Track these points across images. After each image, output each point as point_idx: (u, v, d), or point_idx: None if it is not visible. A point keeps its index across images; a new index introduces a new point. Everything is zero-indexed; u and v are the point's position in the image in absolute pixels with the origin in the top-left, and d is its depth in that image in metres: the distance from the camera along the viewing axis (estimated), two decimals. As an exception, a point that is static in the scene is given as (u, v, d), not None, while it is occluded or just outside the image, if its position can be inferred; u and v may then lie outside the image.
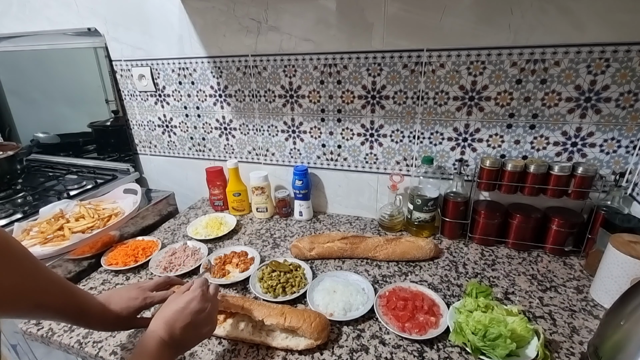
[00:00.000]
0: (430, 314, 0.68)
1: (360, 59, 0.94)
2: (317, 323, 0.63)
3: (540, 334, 0.60)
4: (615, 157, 0.84)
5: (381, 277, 0.84)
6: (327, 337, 0.65)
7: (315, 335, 0.62)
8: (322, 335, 0.63)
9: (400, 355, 0.62)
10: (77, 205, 1.03)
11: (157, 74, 1.18)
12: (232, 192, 1.15)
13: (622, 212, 0.81)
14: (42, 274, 0.50)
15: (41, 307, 0.51)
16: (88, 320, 0.57)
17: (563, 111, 0.84)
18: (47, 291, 0.50)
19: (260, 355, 0.63)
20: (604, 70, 0.78)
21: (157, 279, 0.69)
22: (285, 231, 1.07)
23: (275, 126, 1.12)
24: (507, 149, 0.92)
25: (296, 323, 0.62)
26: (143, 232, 1.12)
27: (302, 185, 1.08)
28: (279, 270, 0.82)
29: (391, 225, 1.03)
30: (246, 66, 1.06)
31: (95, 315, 0.57)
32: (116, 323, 0.61)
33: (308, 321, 0.63)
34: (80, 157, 1.47)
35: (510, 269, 0.85)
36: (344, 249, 0.89)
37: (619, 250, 0.67)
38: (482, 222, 0.92)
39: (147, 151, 1.36)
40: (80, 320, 0.57)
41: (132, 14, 1.11)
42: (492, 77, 0.86)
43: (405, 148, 1.01)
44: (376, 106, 0.98)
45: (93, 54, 1.22)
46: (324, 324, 0.65)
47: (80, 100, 1.39)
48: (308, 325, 0.62)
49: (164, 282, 0.69)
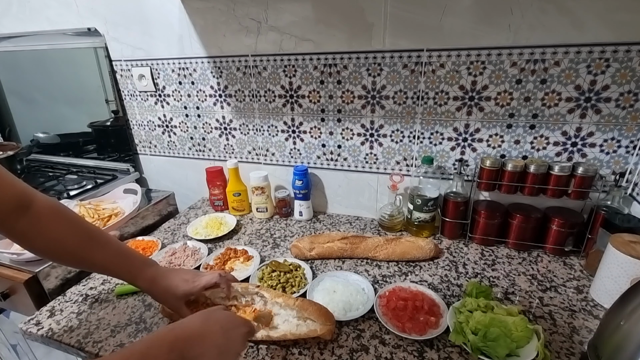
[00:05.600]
0: (430, 314, 0.68)
1: (360, 59, 0.94)
2: (325, 311, 0.64)
3: (540, 334, 0.60)
4: (615, 157, 0.84)
5: (381, 277, 0.84)
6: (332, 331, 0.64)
7: (322, 319, 0.62)
8: (328, 323, 0.63)
9: (400, 355, 0.62)
10: (77, 205, 1.04)
11: (157, 74, 1.18)
12: (232, 192, 1.15)
13: (622, 212, 0.81)
14: (99, 237, 0.64)
15: (95, 265, 0.64)
16: (137, 284, 0.65)
17: (563, 111, 0.84)
18: (103, 251, 0.63)
19: (260, 356, 0.63)
20: (604, 70, 0.78)
21: (212, 277, 0.67)
22: (285, 231, 1.07)
23: (275, 126, 1.12)
24: (507, 149, 0.92)
25: (306, 306, 0.64)
26: (143, 232, 1.12)
27: (302, 185, 1.08)
28: (279, 270, 0.82)
29: (391, 225, 1.03)
30: (246, 66, 1.06)
31: (143, 283, 0.65)
32: (159, 297, 0.66)
33: (317, 306, 0.64)
34: (80, 157, 1.47)
35: (510, 269, 0.85)
36: (344, 249, 0.89)
37: (619, 250, 0.67)
38: (482, 222, 0.92)
39: (147, 151, 1.36)
40: (129, 281, 0.66)
41: (132, 14, 1.11)
42: (492, 77, 0.86)
43: (405, 148, 1.01)
44: (376, 106, 0.98)
45: (93, 54, 1.22)
46: (331, 315, 0.65)
47: (80, 100, 1.39)
48: (317, 309, 0.63)
49: (216, 282, 0.67)
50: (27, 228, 0.57)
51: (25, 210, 0.57)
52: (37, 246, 0.60)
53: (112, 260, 0.64)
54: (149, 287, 0.65)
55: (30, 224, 0.58)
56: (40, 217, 0.58)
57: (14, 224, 0.56)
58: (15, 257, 0.86)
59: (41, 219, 0.59)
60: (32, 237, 0.59)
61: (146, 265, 0.66)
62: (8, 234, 0.58)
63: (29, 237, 0.59)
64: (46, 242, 0.60)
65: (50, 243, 0.60)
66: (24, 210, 0.57)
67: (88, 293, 0.82)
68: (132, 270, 0.65)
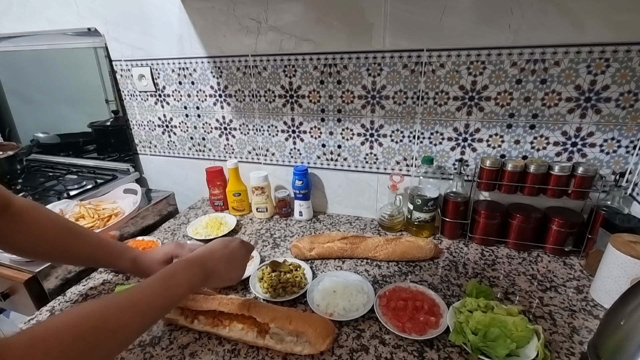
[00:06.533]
0: (430, 314, 0.68)
1: (360, 59, 0.94)
2: (322, 329, 0.62)
3: (540, 334, 0.60)
4: (615, 157, 0.84)
5: (381, 277, 0.84)
6: (332, 344, 0.64)
7: (320, 341, 0.61)
8: (326, 342, 0.61)
9: (400, 355, 0.62)
10: (77, 205, 1.03)
11: (157, 74, 1.18)
12: (232, 192, 1.15)
13: (622, 212, 0.81)
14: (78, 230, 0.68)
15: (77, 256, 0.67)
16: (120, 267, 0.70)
17: (563, 111, 0.84)
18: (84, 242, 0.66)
19: (260, 356, 0.63)
20: (604, 70, 0.78)
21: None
22: (285, 231, 1.07)
23: (275, 126, 1.12)
24: (507, 149, 0.92)
25: (301, 327, 0.62)
26: (143, 232, 1.12)
27: (302, 185, 1.08)
28: (279, 270, 0.82)
29: (391, 225, 1.03)
30: (246, 66, 1.06)
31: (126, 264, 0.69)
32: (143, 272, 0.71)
33: (314, 326, 0.62)
34: (80, 157, 1.47)
35: (510, 269, 0.85)
36: (344, 249, 0.89)
37: (619, 250, 0.67)
38: (482, 222, 0.92)
39: (147, 151, 1.36)
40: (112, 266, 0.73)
41: (132, 14, 1.11)
42: (492, 77, 0.86)
43: (405, 148, 1.01)
44: (376, 106, 0.98)
45: (93, 54, 1.22)
46: (330, 330, 0.63)
47: (80, 100, 1.39)
48: (313, 330, 0.61)
49: None
50: (7, 227, 0.59)
51: (3, 211, 0.59)
52: (19, 244, 0.62)
53: (93, 250, 0.67)
54: (132, 266, 0.69)
55: (10, 222, 0.59)
56: (20, 215, 0.60)
57: None
58: (15, 257, 0.86)
59: (22, 216, 0.60)
60: (13, 235, 0.60)
61: (126, 250, 0.71)
62: None
63: (9, 235, 0.60)
64: (28, 238, 0.61)
65: (32, 239, 0.62)
66: (2, 211, 0.59)
67: (88, 293, 0.82)
68: (114, 255, 0.69)
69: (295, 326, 0.62)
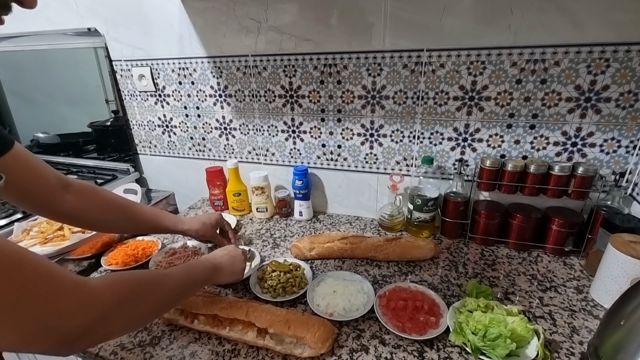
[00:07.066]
0: (430, 314, 0.68)
1: (360, 59, 0.94)
2: (321, 333, 0.62)
3: (540, 334, 0.60)
4: (615, 157, 0.84)
5: (381, 277, 0.84)
6: (332, 346, 0.63)
7: (319, 345, 0.61)
8: (325, 345, 0.61)
9: (400, 355, 0.62)
10: (77, 205, 1.03)
11: (157, 74, 1.18)
12: (232, 192, 1.15)
13: (622, 212, 0.81)
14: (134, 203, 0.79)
15: (142, 222, 0.78)
16: (178, 229, 0.83)
17: (563, 111, 0.84)
18: (145, 210, 0.81)
19: (260, 356, 0.63)
20: (604, 70, 0.78)
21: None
22: (285, 231, 1.07)
23: (275, 126, 1.12)
24: (507, 149, 0.92)
25: (300, 332, 0.61)
26: (143, 232, 1.11)
27: (302, 185, 1.08)
28: (279, 270, 0.82)
29: (391, 225, 1.03)
30: (246, 66, 1.06)
31: (182, 226, 0.83)
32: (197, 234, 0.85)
33: (312, 331, 0.62)
34: (80, 157, 1.47)
35: (510, 269, 0.85)
36: (344, 249, 0.89)
37: (619, 250, 0.67)
38: (482, 222, 0.92)
39: (147, 151, 1.36)
40: (172, 229, 0.83)
41: (132, 14, 1.11)
42: (492, 77, 0.86)
43: (405, 148, 1.01)
44: (376, 106, 0.98)
45: (93, 54, 1.22)
46: (329, 332, 0.63)
47: (80, 100, 1.40)
48: (312, 335, 0.61)
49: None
50: (75, 202, 0.66)
51: (67, 188, 0.66)
52: (88, 217, 0.69)
53: (154, 216, 0.80)
54: (189, 227, 0.83)
55: (77, 199, 0.66)
56: (83, 193, 0.68)
57: (62, 200, 0.64)
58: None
59: (85, 193, 0.68)
60: (83, 210, 0.68)
61: (178, 217, 0.86)
62: (58, 213, 0.66)
63: (80, 210, 0.67)
64: (96, 211, 0.70)
65: (100, 212, 0.70)
66: (66, 188, 0.66)
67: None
68: (172, 219, 0.83)
69: (294, 332, 0.62)
